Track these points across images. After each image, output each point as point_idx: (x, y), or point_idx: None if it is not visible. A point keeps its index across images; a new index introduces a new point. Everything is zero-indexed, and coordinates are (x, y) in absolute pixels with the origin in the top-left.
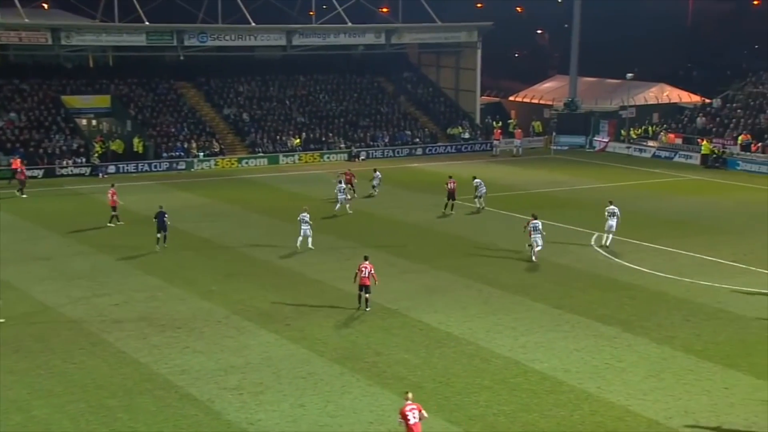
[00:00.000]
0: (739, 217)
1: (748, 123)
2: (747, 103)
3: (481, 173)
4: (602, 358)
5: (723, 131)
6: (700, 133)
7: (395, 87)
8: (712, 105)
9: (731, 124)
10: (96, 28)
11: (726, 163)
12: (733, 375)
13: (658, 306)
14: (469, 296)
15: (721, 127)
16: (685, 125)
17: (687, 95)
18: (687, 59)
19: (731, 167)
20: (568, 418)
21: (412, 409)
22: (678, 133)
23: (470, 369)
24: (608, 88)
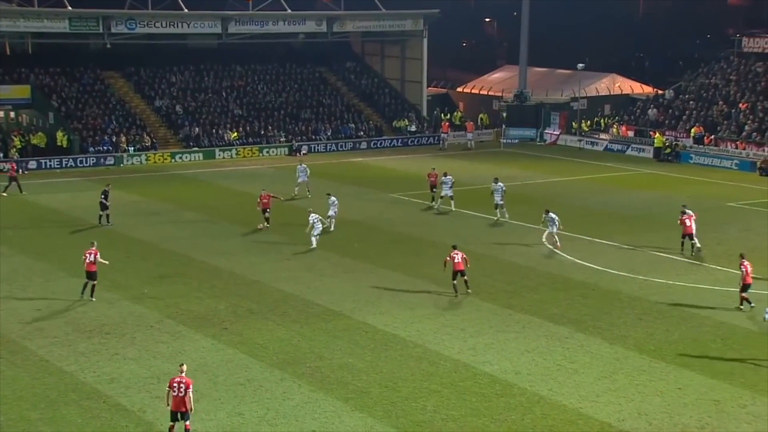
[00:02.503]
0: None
1: (700, 115)
2: (699, 94)
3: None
4: (554, 359)
5: (676, 123)
6: (652, 125)
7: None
8: (665, 96)
9: (684, 116)
10: (13, 13)
11: (679, 157)
12: (686, 375)
13: (611, 305)
14: (417, 296)
15: (673, 119)
16: (637, 117)
17: (639, 86)
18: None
19: (684, 160)
20: (519, 422)
21: (179, 382)
22: (630, 125)
23: (418, 372)
24: (559, 78)
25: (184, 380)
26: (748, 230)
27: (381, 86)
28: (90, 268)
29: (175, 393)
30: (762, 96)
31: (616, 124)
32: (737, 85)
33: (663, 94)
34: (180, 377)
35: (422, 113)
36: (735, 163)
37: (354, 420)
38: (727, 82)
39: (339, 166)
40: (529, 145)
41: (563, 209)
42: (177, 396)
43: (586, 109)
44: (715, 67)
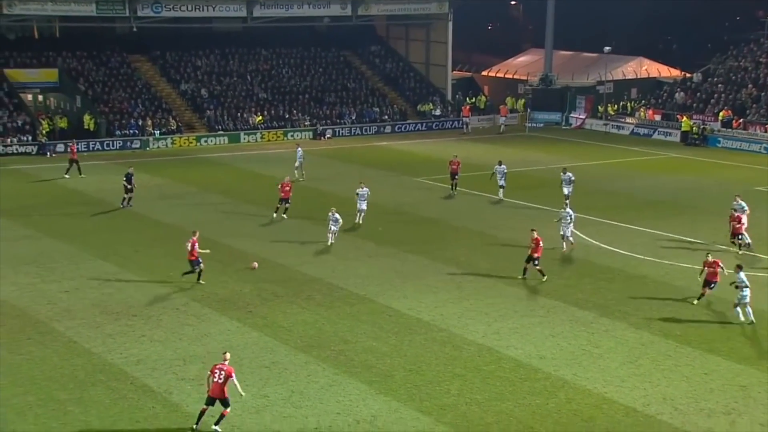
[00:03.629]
0: (720, 197)
1: (729, 98)
2: (728, 77)
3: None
4: (578, 344)
5: (703, 107)
6: (679, 108)
7: None
8: (692, 80)
9: (712, 99)
10: None
11: (706, 141)
12: (712, 360)
13: (636, 290)
14: (441, 281)
15: (701, 103)
16: (664, 101)
17: (666, 69)
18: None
19: (712, 144)
20: (544, 406)
21: (221, 369)
22: (657, 109)
23: (442, 357)
24: (585, 62)
25: (225, 368)
26: None
27: (405, 70)
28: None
29: (215, 379)
30: None
31: (643, 108)
32: (767, 68)
33: (691, 77)
34: (222, 365)
35: (447, 97)
36: (764, 147)
37: (378, 403)
38: (756, 65)
39: (363, 150)
40: (554, 129)
41: (589, 193)
42: (216, 382)
43: (612, 92)
44: (744, 50)
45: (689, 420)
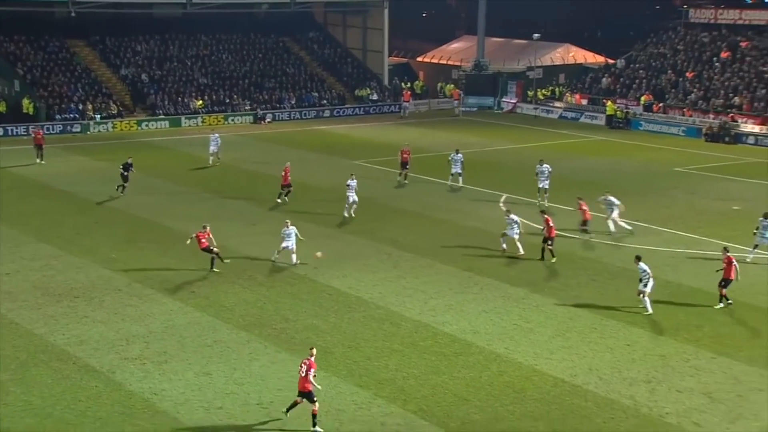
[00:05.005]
0: (642, 178)
1: (650, 84)
2: (649, 64)
3: (391, 135)
4: (510, 319)
5: (626, 92)
6: (604, 93)
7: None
8: (616, 66)
9: (634, 84)
10: None
11: (630, 124)
12: (634, 332)
13: (565, 266)
14: (379, 260)
15: (624, 88)
16: (590, 86)
17: (592, 56)
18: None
19: (634, 128)
20: (477, 378)
21: (304, 363)
22: (584, 93)
23: (380, 333)
24: (515, 48)
25: (308, 362)
26: (693, 194)
27: (343, 56)
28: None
29: (300, 373)
30: (707, 65)
31: (570, 93)
32: (684, 55)
33: (614, 63)
34: (307, 359)
35: (384, 82)
36: (682, 130)
37: (318, 379)
38: (674, 52)
39: (303, 134)
40: (487, 113)
41: (521, 176)
42: (301, 376)
43: (541, 78)
44: (663, 38)
45: (613, 389)
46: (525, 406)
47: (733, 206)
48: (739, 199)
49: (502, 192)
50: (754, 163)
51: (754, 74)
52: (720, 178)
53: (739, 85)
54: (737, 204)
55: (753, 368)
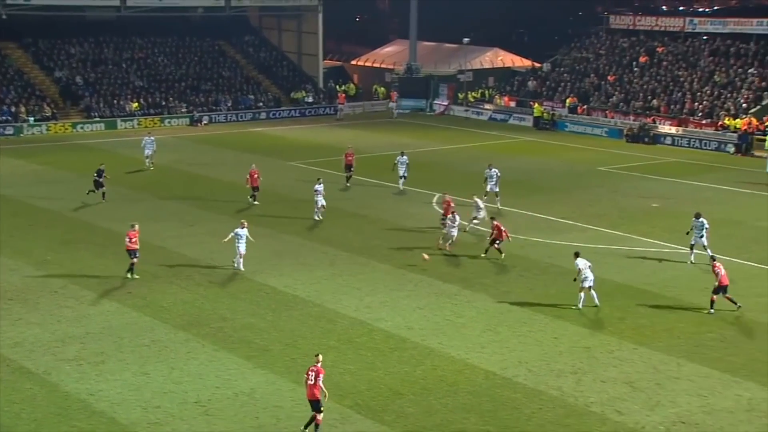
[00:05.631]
0: (568, 177)
1: (574, 86)
2: (573, 67)
3: (327, 137)
4: (443, 315)
5: (552, 94)
6: (531, 96)
7: None
8: (542, 69)
9: (559, 87)
10: None
11: (556, 125)
12: (561, 325)
13: (496, 263)
14: (316, 259)
15: (550, 91)
16: (518, 89)
17: (519, 59)
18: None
19: (560, 129)
20: (411, 373)
21: (312, 371)
22: (512, 96)
23: (317, 330)
24: (446, 52)
25: (315, 369)
26: (615, 192)
27: (279, 59)
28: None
29: (309, 381)
30: (627, 69)
31: (499, 95)
32: (606, 59)
33: (541, 67)
34: (314, 366)
35: (319, 85)
36: (605, 131)
37: (256, 376)
38: (597, 56)
39: (239, 136)
40: (419, 115)
41: (453, 175)
42: (309, 384)
43: (471, 81)
44: (586, 42)
45: (541, 380)
46: (457, 399)
47: (652, 203)
48: (658, 197)
49: (435, 192)
50: (671, 162)
51: (670, 78)
52: (640, 176)
53: (656, 89)
54: (656, 201)
55: (671, 357)
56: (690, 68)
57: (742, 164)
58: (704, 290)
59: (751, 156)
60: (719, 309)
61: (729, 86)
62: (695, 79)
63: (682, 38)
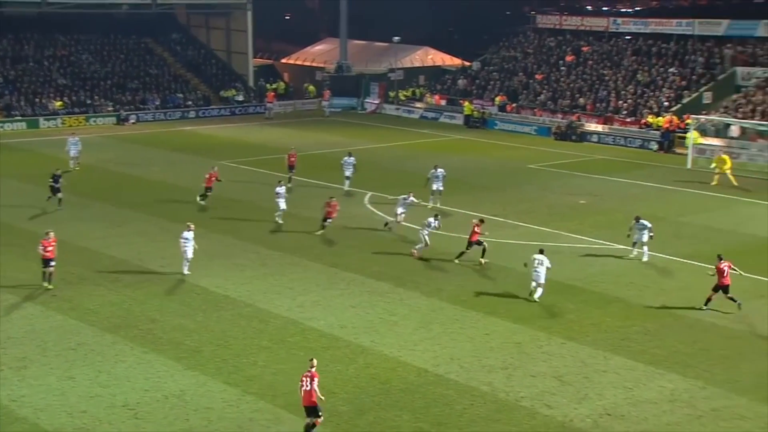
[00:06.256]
0: (498, 174)
1: (503, 85)
2: (502, 66)
3: (257, 136)
4: (376, 313)
5: (482, 93)
6: (461, 94)
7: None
8: (472, 68)
9: (489, 86)
10: None
11: (486, 123)
12: (493, 321)
13: (428, 260)
14: (247, 259)
15: (480, 89)
16: (448, 87)
17: (449, 58)
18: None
19: (490, 127)
20: (344, 371)
21: (307, 377)
22: (442, 94)
23: (248, 330)
24: (377, 51)
25: (310, 374)
26: (545, 189)
27: (207, 57)
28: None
29: (304, 387)
30: (554, 68)
31: (430, 94)
32: (534, 58)
33: (470, 65)
34: (309, 372)
35: (249, 83)
36: (534, 129)
37: (186, 378)
38: (525, 55)
39: (168, 135)
40: (351, 113)
41: (385, 174)
42: (305, 390)
43: (402, 79)
44: (514, 42)
45: (473, 376)
46: (390, 397)
47: (580, 200)
48: (585, 194)
49: (367, 191)
50: (597, 159)
51: (595, 77)
52: (568, 174)
53: (583, 87)
54: (584, 198)
55: (598, 351)
56: (614, 67)
57: (665, 161)
58: (630, 285)
59: (673, 153)
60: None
61: (651, 85)
62: (619, 78)
63: (607, 38)
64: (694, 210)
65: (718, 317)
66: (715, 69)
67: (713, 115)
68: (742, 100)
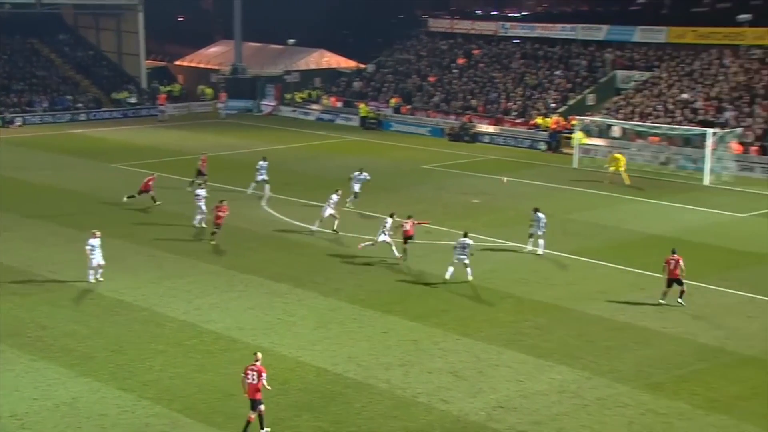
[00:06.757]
0: (394, 175)
1: (398, 87)
2: (396, 68)
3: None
4: (275, 314)
5: (377, 94)
6: (357, 96)
7: None
8: (367, 70)
9: (384, 88)
10: None
11: (381, 125)
12: (390, 319)
13: (326, 261)
14: (142, 262)
15: (375, 91)
16: (344, 89)
17: (344, 60)
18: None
19: (386, 128)
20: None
21: (252, 370)
22: (339, 96)
23: (144, 335)
24: (272, 53)
25: (256, 368)
26: (440, 189)
27: (98, 58)
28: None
29: (249, 380)
30: (447, 70)
31: (326, 96)
32: (427, 60)
33: (365, 68)
34: (253, 365)
35: (141, 85)
36: (428, 130)
37: (79, 385)
38: (418, 58)
39: (57, 138)
40: (247, 115)
41: (282, 175)
42: (251, 383)
43: (299, 81)
44: (407, 44)
45: (371, 374)
46: (289, 397)
47: (473, 200)
48: (478, 193)
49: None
50: (490, 159)
51: (486, 79)
52: (462, 174)
53: (474, 89)
54: (477, 197)
55: (491, 346)
56: (504, 70)
57: (553, 161)
58: (521, 280)
59: (560, 153)
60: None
61: (539, 87)
62: (509, 80)
63: (496, 41)
64: (580, 207)
65: (603, 310)
66: (597, 72)
67: (596, 116)
68: (622, 102)
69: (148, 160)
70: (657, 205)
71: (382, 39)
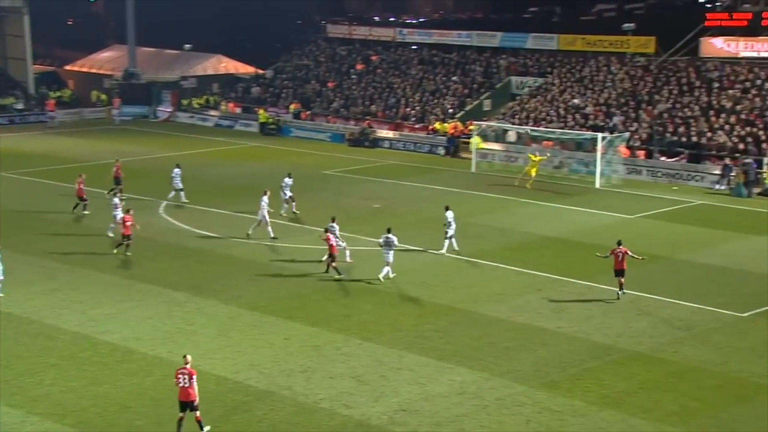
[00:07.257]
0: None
1: (297, 92)
2: (295, 74)
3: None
4: (173, 323)
5: (276, 100)
6: (256, 102)
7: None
8: (265, 76)
9: (283, 93)
10: None
11: (281, 131)
12: (292, 326)
13: (226, 268)
14: (33, 273)
15: (274, 97)
16: (242, 95)
17: (243, 66)
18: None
19: (286, 134)
20: (140, 385)
21: (183, 373)
22: (237, 102)
23: (34, 349)
24: (168, 58)
25: (187, 370)
26: (340, 194)
27: None
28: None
29: (180, 384)
30: (346, 76)
31: (224, 102)
32: (326, 66)
33: (264, 73)
34: (183, 368)
35: (29, 91)
36: (328, 136)
37: None
38: (317, 63)
39: None
40: (142, 122)
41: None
42: (183, 387)
43: (196, 87)
44: (306, 50)
45: (273, 381)
46: None
47: (374, 204)
48: (379, 198)
49: (160, 199)
50: (390, 165)
51: (385, 84)
52: (362, 179)
53: (373, 94)
54: (378, 202)
55: (393, 350)
56: (402, 75)
57: (452, 165)
58: (422, 284)
59: (458, 158)
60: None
61: (436, 93)
62: (407, 86)
63: (394, 47)
64: (478, 211)
65: (502, 312)
66: (493, 78)
67: (492, 121)
68: (517, 107)
69: (37, 167)
70: (551, 208)
71: (281, 44)
